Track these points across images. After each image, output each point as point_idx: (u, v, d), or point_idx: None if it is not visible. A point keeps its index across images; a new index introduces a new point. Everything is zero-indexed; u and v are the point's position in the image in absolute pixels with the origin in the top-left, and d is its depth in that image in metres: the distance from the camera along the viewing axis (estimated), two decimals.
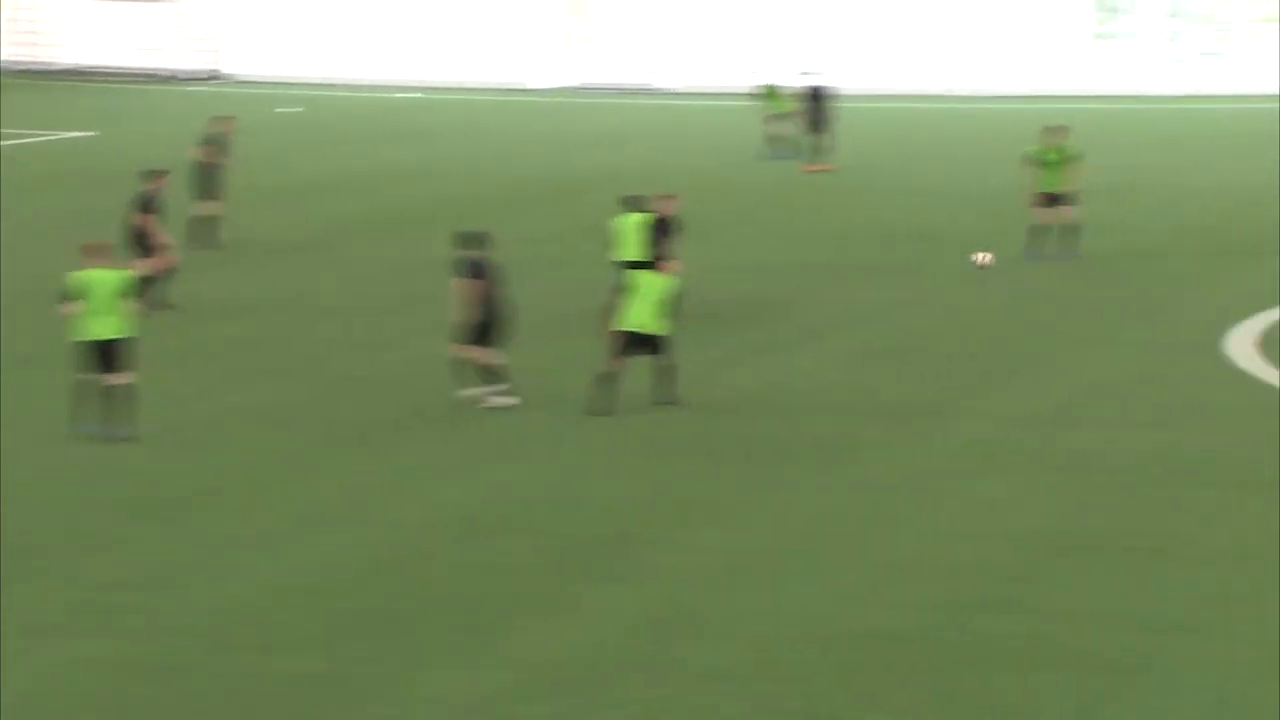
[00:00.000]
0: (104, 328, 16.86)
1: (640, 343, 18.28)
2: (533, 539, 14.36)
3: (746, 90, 41.12)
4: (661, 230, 21.76)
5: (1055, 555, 13.81)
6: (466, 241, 18.53)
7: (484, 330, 18.24)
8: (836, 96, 37.99)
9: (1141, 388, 19.07)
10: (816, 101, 37.58)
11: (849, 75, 46.04)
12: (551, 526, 14.71)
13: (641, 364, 18.44)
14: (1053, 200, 26.67)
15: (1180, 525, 14.47)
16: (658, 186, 23.99)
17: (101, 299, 16.87)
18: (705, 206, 34.07)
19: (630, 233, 22.11)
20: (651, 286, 18.52)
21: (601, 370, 18.10)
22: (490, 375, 18.25)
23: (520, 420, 17.96)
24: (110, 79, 56.55)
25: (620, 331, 18.27)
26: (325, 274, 25.82)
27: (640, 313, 18.31)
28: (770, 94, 39.98)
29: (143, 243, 22.70)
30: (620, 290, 18.53)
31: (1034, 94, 56.37)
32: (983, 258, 25.40)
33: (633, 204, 22.50)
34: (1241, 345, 20.73)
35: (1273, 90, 49.87)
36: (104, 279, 16.99)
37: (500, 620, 12.54)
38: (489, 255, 18.47)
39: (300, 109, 50.02)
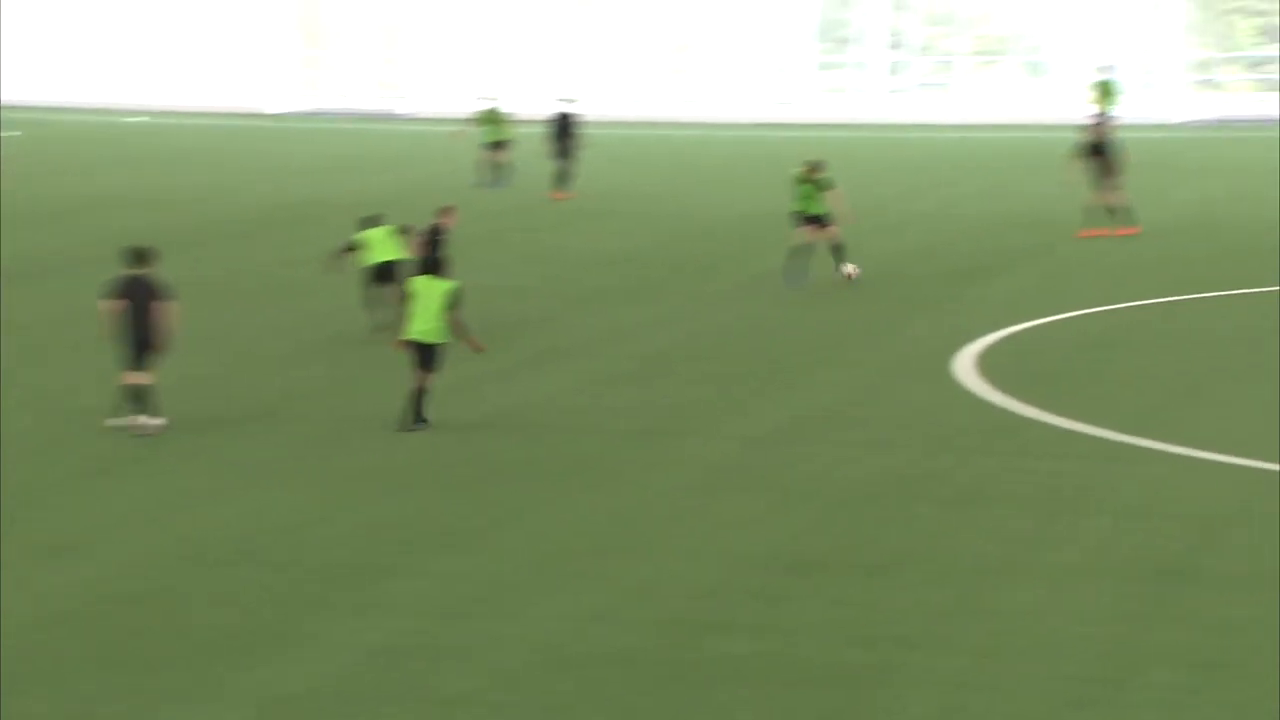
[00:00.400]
0: None
1: (421, 352, 18.28)
2: (271, 570, 14.14)
3: (470, 116, 41.08)
4: (437, 243, 22.38)
5: (793, 574, 14.04)
6: (130, 259, 18.12)
7: (139, 351, 17.84)
8: (583, 124, 38.27)
9: (873, 409, 19.50)
10: (564, 129, 37.75)
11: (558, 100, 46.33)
12: (290, 557, 14.51)
13: (397, 381, 18.32)
14: (812, 221, 27.18)
15: (910, 542, 14.82)
16: (400, 211, 24.11)
17: None
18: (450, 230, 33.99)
19: (378, 241, 23.02)
20: (431, 294, 18.46)
21: (411, 386, 18.17)
22: (139, 398, 17.84)
23: (257, 447, 17.71)
24: None
25: (406, 341, 18.25)
26: (44, 305, 25.23)
27: (421, 321, 18.27)
28: (489, 120, 39.96)
29: None
30: (404, 300, 18.49)
31: (763, 122, 57.39)
32: (851, 270, 26.24)
33: (372, 223, 23.15)
34: (967, 366, 21.33)
35: (994, 119, 51.42)
36: None
37: (239, 654, 12.33)
38: (152, 274, 18.08)
39: (18, 133, 48.70)
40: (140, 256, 18.11)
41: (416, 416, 18.29)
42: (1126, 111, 55.02)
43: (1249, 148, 47.00)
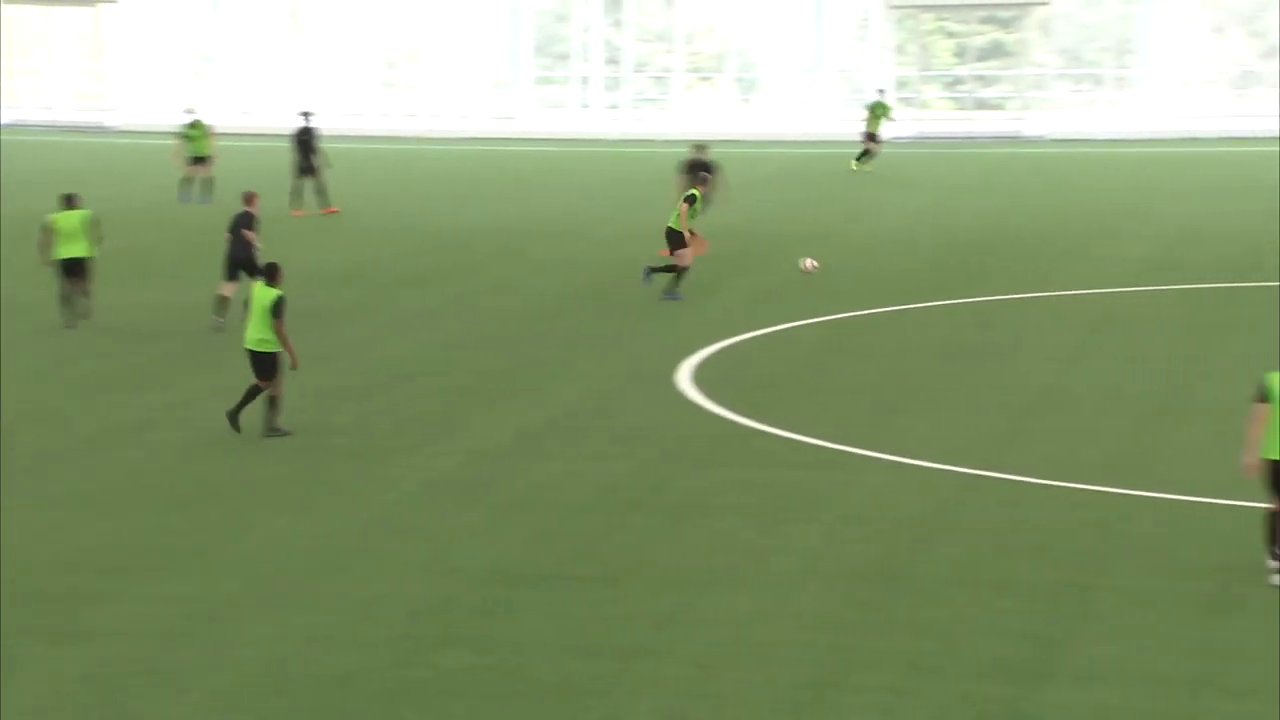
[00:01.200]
0: None
1: (255, 361, 18.36)
2: None
3: (175, 129, 40.41)
4: (245, 226, 23.94)
5: (518, 587, 14.04)
6: None
7: None
8: (322, 138, 37.88)
9: (597, 421, 19.60)
10: (305, 143, 37.29)
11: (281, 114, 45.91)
12: None
13: (108, 400, 17.83)
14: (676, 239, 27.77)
15: (633, 553, 14.93)
16: (109, 224, 24.04)
17: None
18: (166, 244, 33.36)
19: (69, 233, 23.80)
20: (260, 301, 18.37)
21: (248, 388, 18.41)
22: None
23: None
24: None
25: (248, 349, 18.34)
26: None
27: (253, 329, 18.25)
28: (190, 134, 39.31)
29: None
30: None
31: (484, 136, 57.38)
32: (809, 264, 26.31)
33: (71, 201, 24.09)
34: (688, 378, 21.57)
35: (709, 135, 52.04)
36: None
37: None
38: None
39: None
40: None
41: (270, 425, 18.40)
42: (842, 129, 56.36)
43: (948, 163, 48.40)
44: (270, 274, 18.63)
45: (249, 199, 24.76)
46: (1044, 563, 14.46)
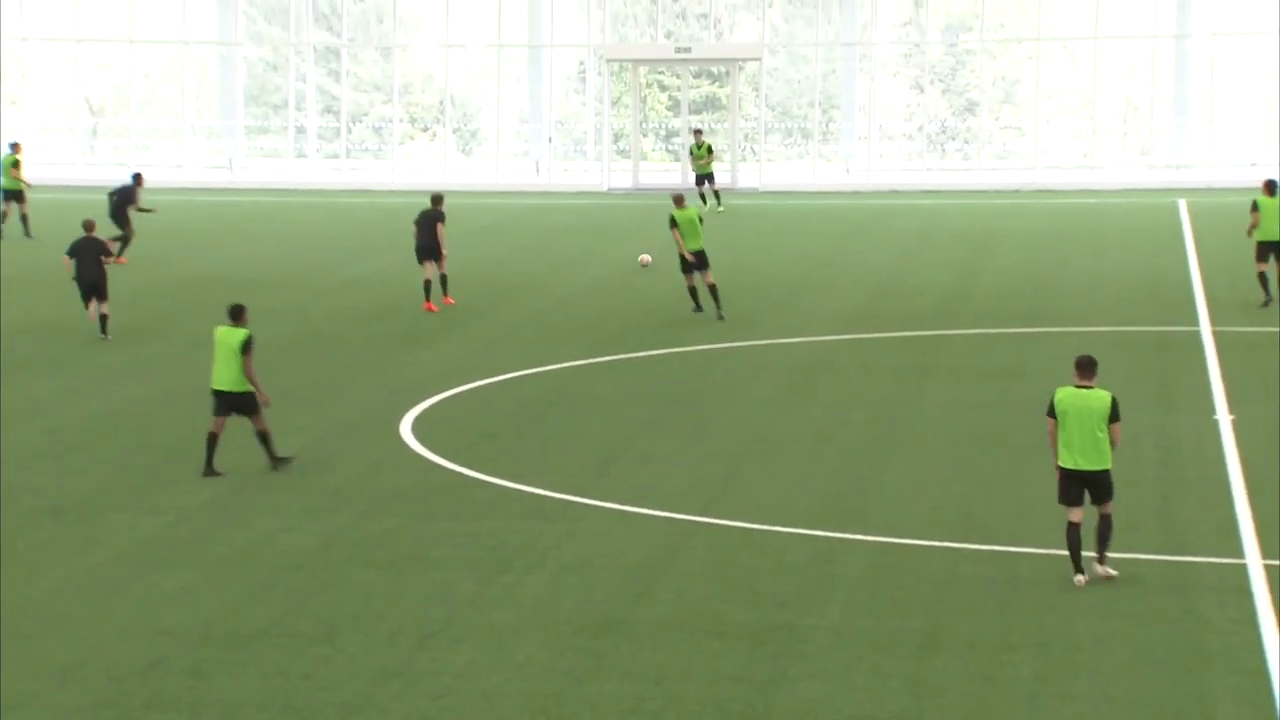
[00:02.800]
0: None
1: (226, 401, 18.71)
2: None
3: None
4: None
5: (232, 647, 13.82)
6: None
7: None
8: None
9: (314, 474, 19.42)
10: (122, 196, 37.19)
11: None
12: None
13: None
14: (699, 259, 29.54)
15: (351, 607, 14.81)
16: None
17: None
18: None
19: None
20: (225, 342, 18.82)
21: (209, 431, 18.42)
22: None
23: None
24: None
25: (213, 389, 18.68)
26: None
27: (220, 370, 18.71)
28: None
29: None
30: None
31: (198, 186, 56.55)
32: (644, 259, 26.38)
33: None
34: (409, 430, 21.53)
35: (427, 185, 52.00)
36: None
37: None
38: None
39: None
40: None
41: (272, 459, 19.19)
42: (561, 180, 56.76)
43: (664, 214, 49.01)
44: (235, 314, 19.20)
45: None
46: (757, 606, 14.74)
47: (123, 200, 37.47)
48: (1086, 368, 15.23)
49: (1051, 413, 15.16)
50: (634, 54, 58.33)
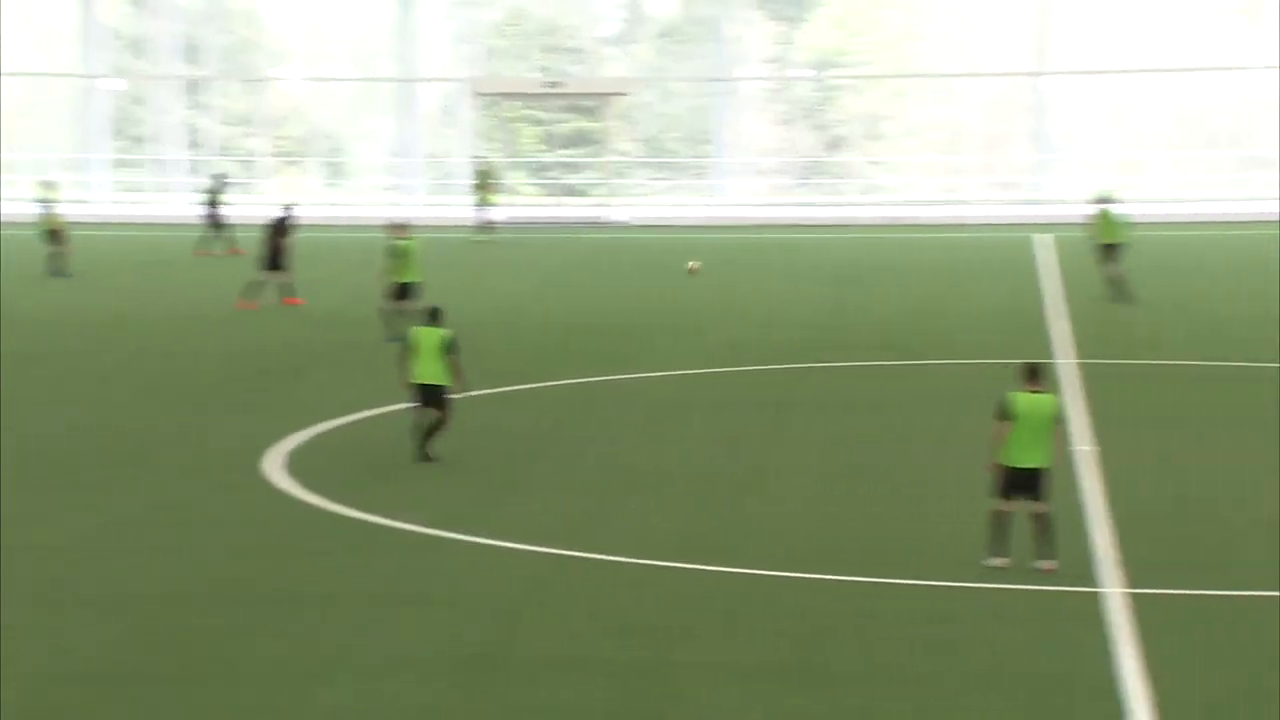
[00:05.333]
0: None
1: (427, 393, 20.98)
2: None
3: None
4: None
5: (93, 688, 13.59)
6: None
7: None
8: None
9: (180, 513, 19.22)
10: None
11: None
12: None
13: None
14: (404, 290, 29.90)
15: (217, 648, 14.58)
16: None
17: None
18: None
19: None
20: (426, 341, 20.71)
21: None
22: None
23: None
24: None
25: (416, 383, 20.99)
26: None
27: (423, 365, 20.58)
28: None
29: None
30: None
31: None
32: (694, 265, 26.40)
33: None
34: (277, 466, 21.39)
35: (302, 219, 51.75)
36: None
37: None
38: None
39: None
40: None
41: (423, 451, 21.15)
42: (429, 213, 56.66)
43: (535, 249, 49.17)
44: (433, 316, 21.20)
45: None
46: (629, 641, 14.79)
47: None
48: (1037, 373, 16.62)
49: (1002, 416, 16.37)
50: (505, 88, 58.40)
